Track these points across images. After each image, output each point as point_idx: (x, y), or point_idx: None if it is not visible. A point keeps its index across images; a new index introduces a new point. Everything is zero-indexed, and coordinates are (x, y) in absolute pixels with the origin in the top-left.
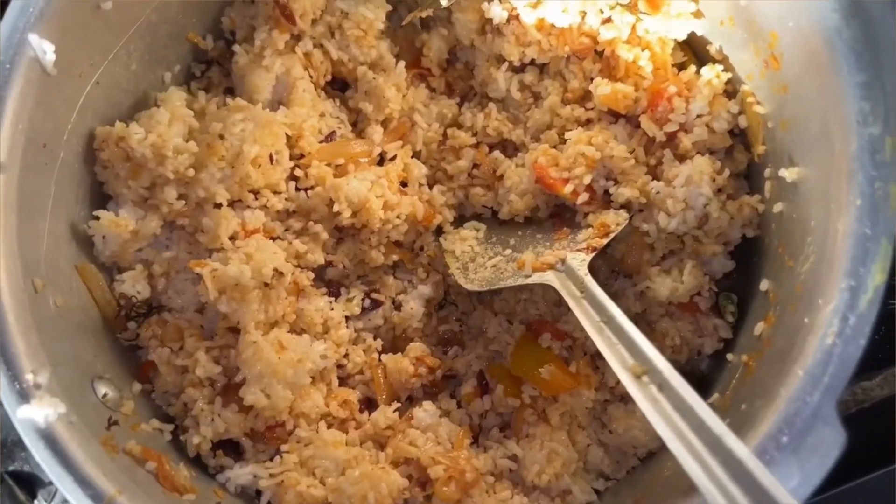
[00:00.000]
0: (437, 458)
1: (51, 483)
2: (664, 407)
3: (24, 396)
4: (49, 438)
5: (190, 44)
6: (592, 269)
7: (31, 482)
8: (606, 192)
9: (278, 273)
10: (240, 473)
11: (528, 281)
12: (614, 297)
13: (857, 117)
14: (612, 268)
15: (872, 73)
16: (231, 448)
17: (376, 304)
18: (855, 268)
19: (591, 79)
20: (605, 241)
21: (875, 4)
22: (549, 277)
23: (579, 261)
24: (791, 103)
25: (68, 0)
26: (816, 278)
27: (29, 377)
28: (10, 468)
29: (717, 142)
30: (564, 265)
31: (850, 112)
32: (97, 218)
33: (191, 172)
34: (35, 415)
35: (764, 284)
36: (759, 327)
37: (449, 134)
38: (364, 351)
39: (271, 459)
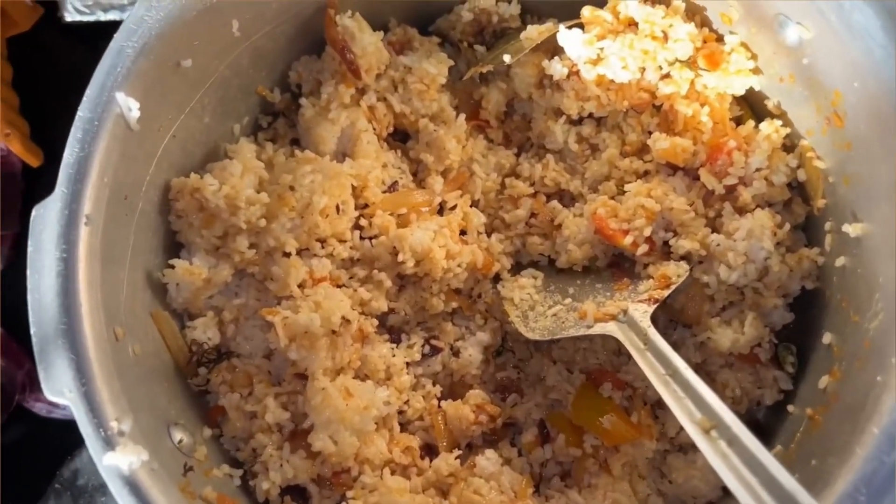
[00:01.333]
0: None
1: None
2: (734, 462)
3: (109, 444)
4: (133, 485)
5: (258, 97)
6: (651, 319)
7: None
8: (666, 243)
9: (346, 320)
10: None
11: (591, 332)
12: (673, 347)
13: None
14: (670, 318)
15: None
16: (298, 494)
17: (436, 350)
18: None
19: (650, 132)
20: (666, 292)
21: None
22: (612, 328)
23: (641, 312)
24: (855, 160)
25: (153, 60)
26: (887, 335)
27: (113, 424)
28: None
29: (775, 195)
30: (626, 316)
31: None
32: (172, 266)
33: (262, 222)
34: (120, 462)
35: (827, 338)
36: (825, 381)
37: (507, 184)
38: (423, 397)
39: None
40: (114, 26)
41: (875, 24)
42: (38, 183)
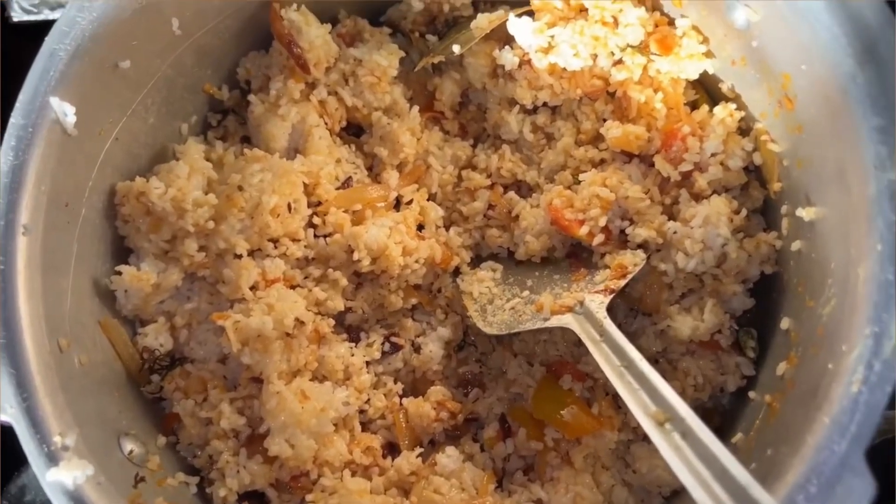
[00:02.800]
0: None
1: None
2: (687, 455)
3: (52, 459)
4: (78, 500)
5: (206, 95)
6: (611, 308)
7: None
8: (622, 232)
9: (300, 322)
10: None
11: (547, 324)
12: (634, 335)
13: (875, 162)
14: (630, 306)
15: (888, 118)
16: (257, 499)
17: (396, 347)
18: (878, 314)
19: (604, 120)
20: (623, 282)
21: (888, 50)
22: (568, 320)
23: (598, 303)
24: (806, 143)
25: (88, 62)
26: (838, 322)
27: (57, 439)
28: None
29: (732, 179)
30: (583, 307)
31: (867, 156)
32: (119, 273)
33: (211, 224)
34: (64, 477)
35: (785, 323)
36: (782, 367)
37: (464, 176)
38: (385, 395)
39: None
40: None
41: (819, 5)
42: None
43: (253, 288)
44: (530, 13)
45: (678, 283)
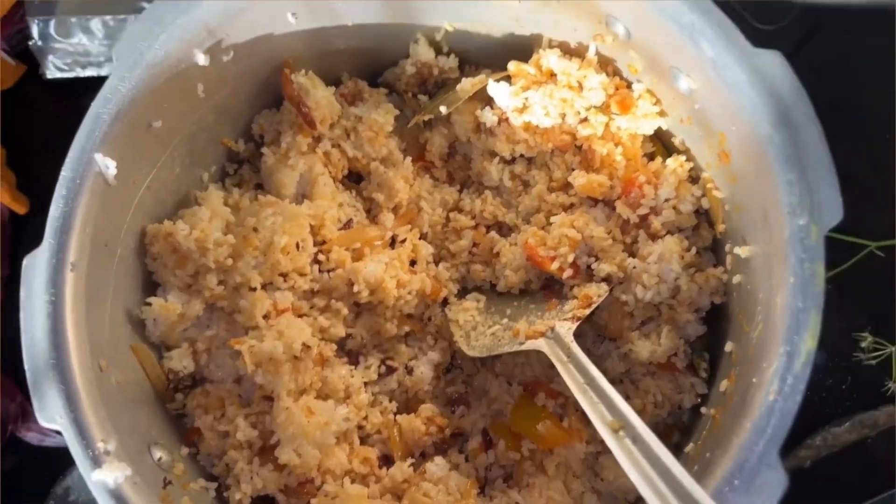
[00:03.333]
0: None
1: None
2: (637, 457)
3: (96, 462)
4: (119, 498)
5: (224, 147)
6: (580, 334)
7: None
8: (589, 267)
9: (306, 347)
10: None
11: (522, 347)
12: (600, 358)
13: (788, 209)
14: (598, 333)
15: (799, 173)
16: (267, 503)
17: (391, 370)
18: (790, 336)
19: (572, 169)
20: (587, 311)
21: (801, 115)
22: (540, 344)
23: (566, 329)
24: (740, 191)
25: (127, 123)
26: (763, 343)
27: (100, 445)
28: None
29: (683, 221)
30: (553, 333)
31: (783, 204)
32: (149, 304)
33: (229, 262)
34: (106, 477)
35: (728, 346)
36: (724, 384)
37: (451, 217)
38: (381, 412)
39: None
40: (91, 81)
41: (743, 79)
42: (25, 229)
43: (265, 317)
44: (507, 78)
45: (638, 311)
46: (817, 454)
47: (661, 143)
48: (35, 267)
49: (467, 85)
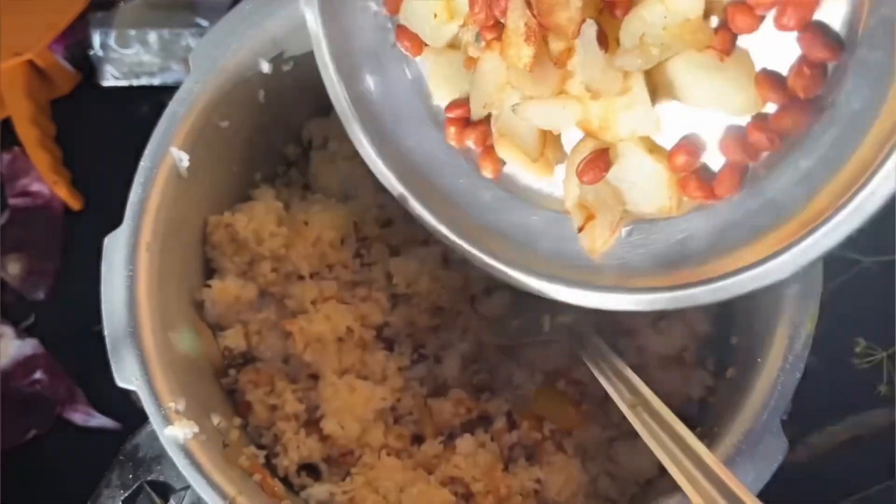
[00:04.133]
0: (478, 477)
1: (181, 490)
2: (653, 427)
3: (167, 420)
4: (188, 452)
5: (276, 151)
6: (599, 328)
7: (165, 489)
8: None
9: (350, 330)
10: (319, 490)
11: (548, 338)
12: (617, 351)
13: None
14: (615, 328)
15: None
16: (311, 470)
17: (422, 357)
18: (792, 321)
19: None
20: None
21: None
22: (565, 337)
23: (588, 320)
24: None
25: (199, 122)
26: (767, 329)
27: (171, 404)
28: (149, 478)
29: None
30: (576, 324)
31: None
32: (209, 286)
33: (282, 251)
34: (177, 433)
35: (733, 339)
36: (730, 371)
37: None
38: (412, 396)
39: (343, 480)
40: (144, 91)
41: None
42: (76, 225)
43: (313, 302)
44: None
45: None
46: (814, 452)
47: None
48: (115, 246)
49: None
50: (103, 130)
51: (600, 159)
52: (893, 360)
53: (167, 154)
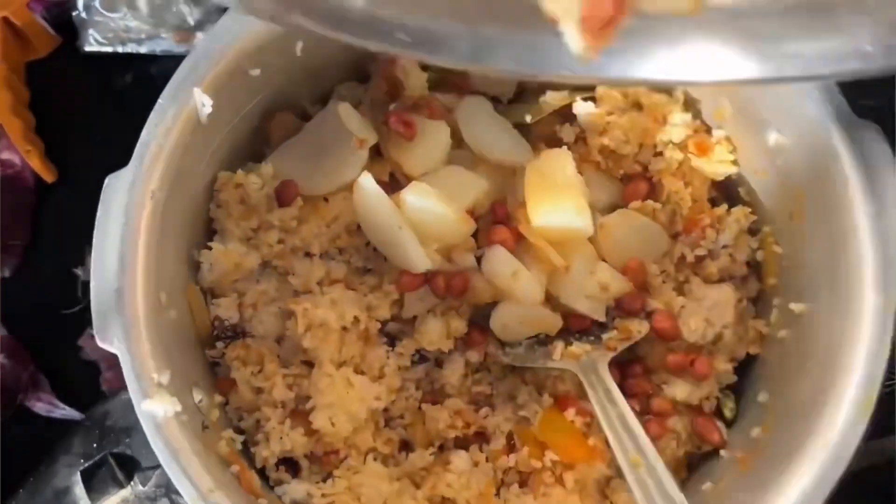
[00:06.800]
0: (470, 500)
1: (148, 469)
2: (650, 491)
3: (147, 392)
4: (164, 432)
5: (302, 110)
6: (616, 361)
7: (131, 465)
8: None
9: (356, 319)
10: (296, 489)
11: (555, 365)
12: (631, 393)
13: (871, 283)
14: (632, 362)
15: (882, 249)
16: (290, 465)
17: (424, 359)
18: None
19: None
20: (625, 344)
21: (891, 191)
22: (574, 367)
23: (602, 358)
24: (808, 251)
25: (230, 64)
26: (815, 397)
27: (154, 376)
28: (115, 450)
29: (736, 270)
30: (589, 359)
31: (866, 277)
32: (209, 248)
33: (294, 224)
34: (156, 409)
35: (762, 396)
36: (756, 431)
37: None
38: (406, 399)
39: (324, 481)
40: (129, 59)
41: (839, 144)
42: (48, 199)
43: (319, 283)
44: (592, 99)
45: (679, 350)
46: None
47: (723, 191)
48: (117, 188)
49: (554, 99)
50: (82, 99)
51: None
52: None
53: (189, 95)
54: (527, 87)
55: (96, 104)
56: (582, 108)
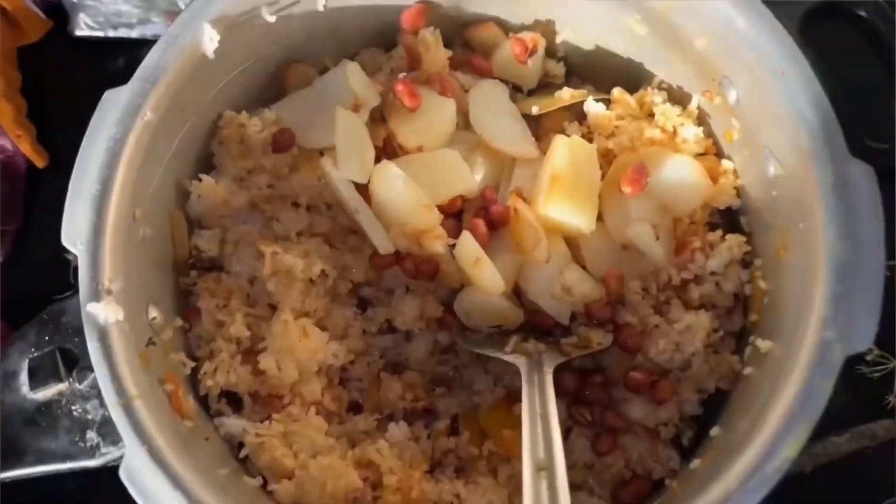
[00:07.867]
0: (395, 470)
1: (86, 368)
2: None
3: (96, 295)
4: (104, 336)
5: (321, 65)
6: (578, 368)
7: (72, 361)
8: None
9: (324, 274)
10: (234, 423)
11: (505, 357)
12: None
13: (822, 319)
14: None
15: (846, 289)
16: (233, 400)
17: (393, 330)
18: (774, 439)
19: None
20: (581, 352)
21: (870, 236)
22: (521, 361)
23: (550, 359)
24: (784, 288)
25: (251, 5)
26: (748, 438)
27: (106, 281)
28: (63, 346)
29: (721, 300)
30: (538, 356)
31: (819, 313)
32: (200, 179)
33: (286, 171)
34: (99, 313)
35: (714, 430)
36: (696, 463)
37: None
38: (367, 363)
39: (262, 422)
40: (120, 43)
41: (828, 182)
42: (39, 184)
43: (299, 234)
44: (607, 101)
45: (644, 369)
46: (817, 461)
47: (728, 218)
48: (114, 102)
49: (566, 94)
50: (73, 84)
51: None
52: None
53: (199, 28)
54: (551, 80)
55: (88, 89)
56: (593, 107)
